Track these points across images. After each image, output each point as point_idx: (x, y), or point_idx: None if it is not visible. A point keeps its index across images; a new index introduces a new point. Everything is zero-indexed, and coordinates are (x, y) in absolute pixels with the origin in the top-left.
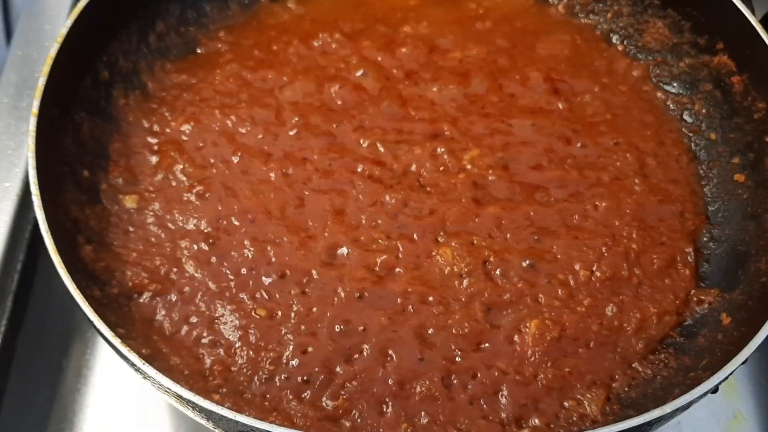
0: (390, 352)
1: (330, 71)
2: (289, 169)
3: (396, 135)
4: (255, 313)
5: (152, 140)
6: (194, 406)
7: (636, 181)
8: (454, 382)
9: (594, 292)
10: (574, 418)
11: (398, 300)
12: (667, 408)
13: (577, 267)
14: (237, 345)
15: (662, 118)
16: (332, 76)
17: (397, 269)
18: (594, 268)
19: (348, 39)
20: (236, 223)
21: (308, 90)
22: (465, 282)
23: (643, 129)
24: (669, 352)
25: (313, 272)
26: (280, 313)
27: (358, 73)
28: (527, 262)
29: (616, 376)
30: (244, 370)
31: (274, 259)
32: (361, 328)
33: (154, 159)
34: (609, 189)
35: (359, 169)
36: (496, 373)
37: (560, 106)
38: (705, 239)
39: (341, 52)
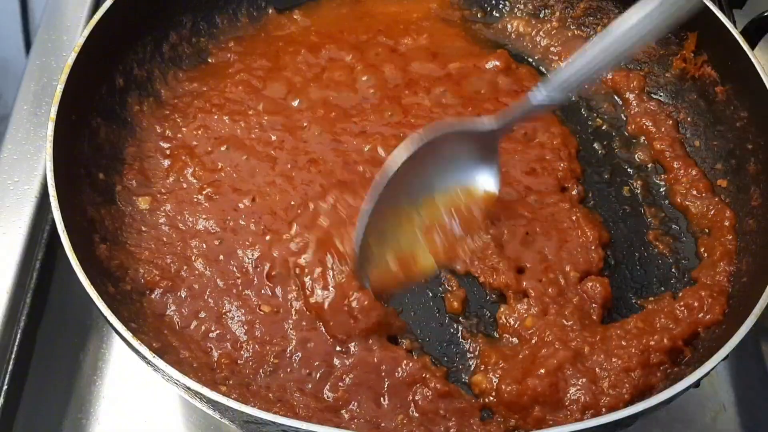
0: None
1: (334, 80)
2: (293, 172)
3: (396, 140)
4: (260, 309)
5: (165, 145)
6: (202, 398)
7: None
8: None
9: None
10: None
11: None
12: (651, 401)
13: (567, 268)
14: (243, 339)
15: None
16: (336, 84)
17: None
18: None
19: (352, 49)
20: (243, 223)
21: (313, 98)
22: None
23: None
24: None
25: (316, 270)
26: (282, 309)
27: (362, 81)
28: (520, 261)
29: None
30: (250, 363)
31: (277, 258)
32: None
33: (166, 162)
34: None
35: (360, 171)
36: None
37: (556, 113)
38: None
39: (345, 62)
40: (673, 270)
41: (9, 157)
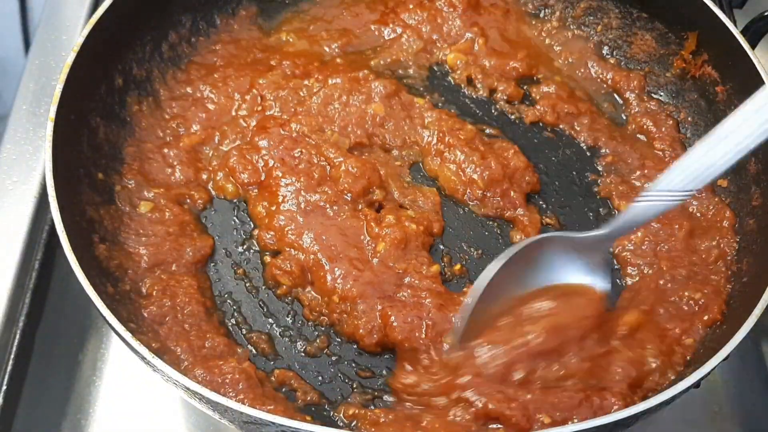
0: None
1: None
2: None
3: None
4: None
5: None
6: (201, 398)
7: None
8: None
9: None
10: None
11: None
12: (652, 402)
13: None
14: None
15: None
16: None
17: None
18: None
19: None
20: None
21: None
22: None
23: None
24: None
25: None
26: None
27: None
28: None
29: None
30: None
31: None
32: None
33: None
34: None
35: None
36: None
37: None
38: None
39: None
40: None
41: (8, 157)
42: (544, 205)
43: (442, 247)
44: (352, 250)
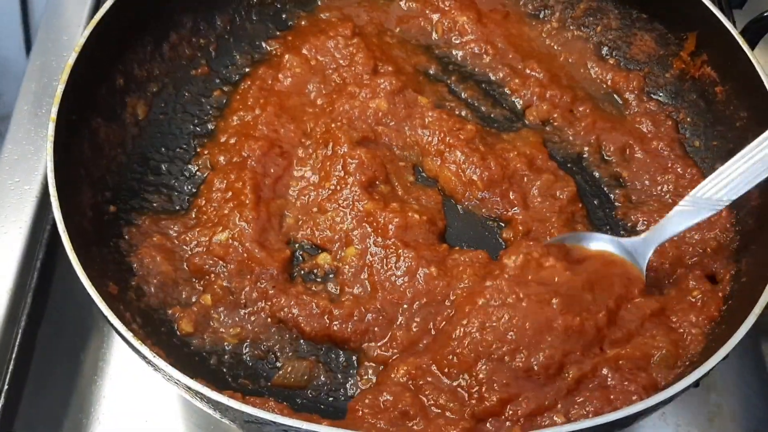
0: None
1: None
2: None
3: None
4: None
5: None
6: (203, 398)
7: None
8: None
9: None
10: None
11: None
12: (651, 401)
13: None
14: None
15: None
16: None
17: None
18: None
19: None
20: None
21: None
22: None
23: None
24: None
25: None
26: None
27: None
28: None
29: None
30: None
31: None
32: None
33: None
34: None
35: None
36: None
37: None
38: None
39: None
40: None
41: (9, 157)
42: None
43: None
44: None
